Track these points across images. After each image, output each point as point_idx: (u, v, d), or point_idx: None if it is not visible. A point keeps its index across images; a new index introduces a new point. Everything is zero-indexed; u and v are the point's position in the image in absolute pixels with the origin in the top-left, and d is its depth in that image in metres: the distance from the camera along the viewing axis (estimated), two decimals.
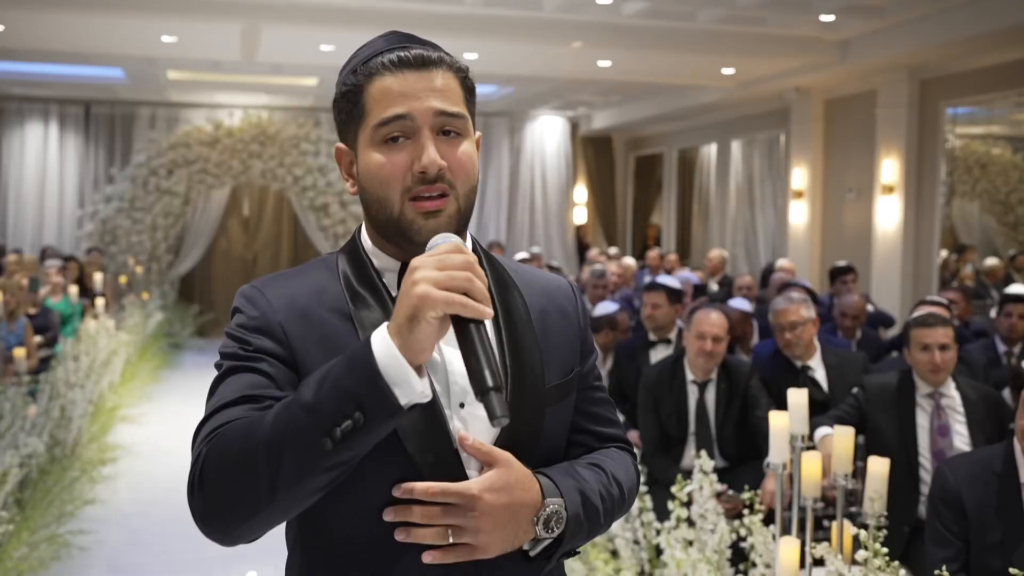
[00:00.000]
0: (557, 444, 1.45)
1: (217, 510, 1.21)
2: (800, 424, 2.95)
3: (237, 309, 1.37)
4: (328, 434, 1.13)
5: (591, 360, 1.53)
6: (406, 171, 1.30)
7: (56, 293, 8.36)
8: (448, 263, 1.16)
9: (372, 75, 1.32)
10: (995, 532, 2.62)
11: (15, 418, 4.63)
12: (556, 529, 1.33)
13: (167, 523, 5.40)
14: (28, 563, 4.12)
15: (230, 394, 1.28)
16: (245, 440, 1.19)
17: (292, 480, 1.15)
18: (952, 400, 3.67)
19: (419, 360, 1.16)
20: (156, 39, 8.35)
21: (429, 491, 1.27)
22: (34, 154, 12.91)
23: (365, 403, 1.13)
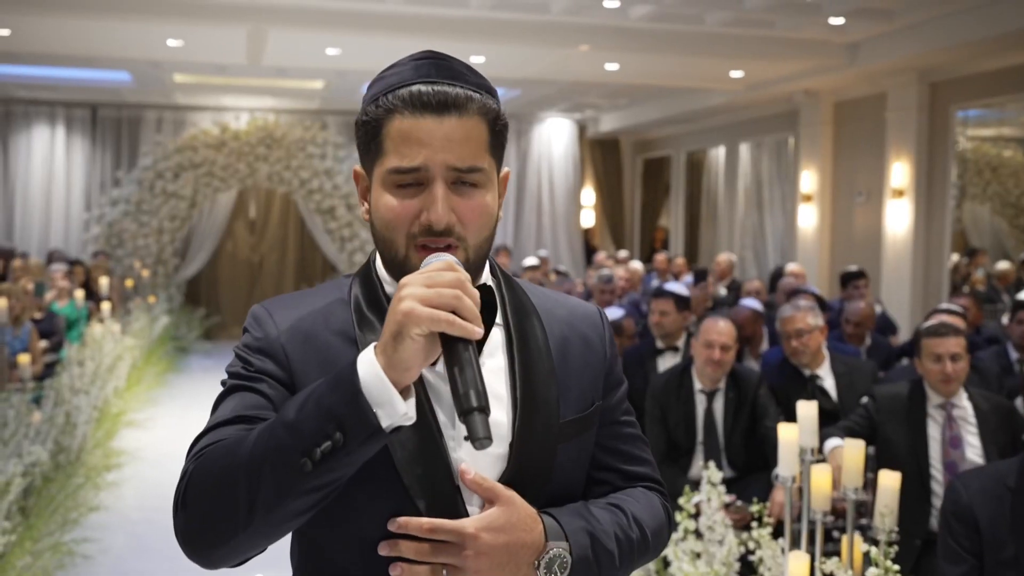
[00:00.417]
0: (572, 482, 1.38)
1: (197, 530, 1.19)
2: (810, 437, 2.90)
3: (246, 328, 1.36)
4: (307, 454, 1.10)
5: (618, 393, 1.46)
6: (414, 219, 1.27)
7: (62, 297, 8.35)
8: (437, 280, 1.13)
9: (392, 111, 1.28)
10: (1009, 548, 2.57)
11: (19, 425, 4.61)
12: (560, 573, 1.28)
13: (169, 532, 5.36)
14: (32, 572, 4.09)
15: (226, 413, 1.27)
16: (227, 458, 1.16)
17: (271, 501, 1.13)
18: (964, 411, 3.62)
19: (404, 380, 1.12)
20: (162, 43, 8.34)
21: (423, 527, 1.23)
22: (41, 157, 12.93)
23: (345, 423, 1.10)
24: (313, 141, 12.59)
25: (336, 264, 13.07)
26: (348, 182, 12.69)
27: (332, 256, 13.03)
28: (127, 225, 12.23)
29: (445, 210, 1.25)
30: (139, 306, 10.27)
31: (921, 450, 3.56)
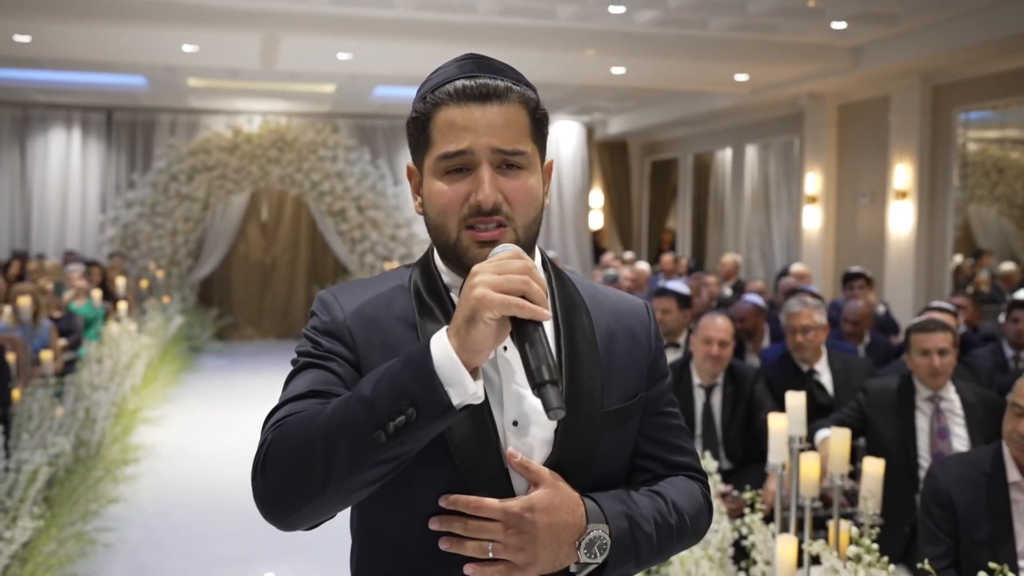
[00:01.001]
0: (615, 469, 1.44)
1: (275, 495, 1.27)
2: (798, 426, 3.04)
3: (313, 312, 1.43)
4: (382, 427, 1.18)
5: (662, 385, 1.51)
6: (463, 202, 1.34)
7: (79, 297, 8.54)
8: (506, 268, 1.20)
9: (439, 104, 1.35)
10: (983, 530, 2.71)
11: (43, 419, 4.78)
12: (599, 554, 1.34)
13: (186, 523, 5.54)
14: (57, 558, 4.26)
15: (300, 388, 1.34)
16: (305, 430, 1.24)
17: (344, 471, 1.20)
18: (952, 403, 3.75)
19: (475, 362, 1.20)
20: (178, 48, 8.52)
21: (471, 505, 1.30)
22: (57, 160, 13.11)
23: (419, 400, 1.18)
24: (324, 144, 12.76)
25: (347, 265, 13.22)
26: (359, 184, 12.86)
27: (343, 257, 13.19)
28: (142, 227, 12.43)
29: (492, 190, 1.32)
30: (154, 306, 10.45)
31: (910, 441, 3.70)
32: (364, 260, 13.00)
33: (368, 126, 13.94)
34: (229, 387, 9.98)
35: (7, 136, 12.95)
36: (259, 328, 14.05)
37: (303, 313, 14.08)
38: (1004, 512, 2.71)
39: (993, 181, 9.60)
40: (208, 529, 5.46)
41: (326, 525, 1.33)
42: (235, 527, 5.48)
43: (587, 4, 7.39)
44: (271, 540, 5.23)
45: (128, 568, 4.80)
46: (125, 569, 4.79)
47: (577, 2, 7.40)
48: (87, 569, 4.64)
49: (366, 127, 13.93)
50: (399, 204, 13.20)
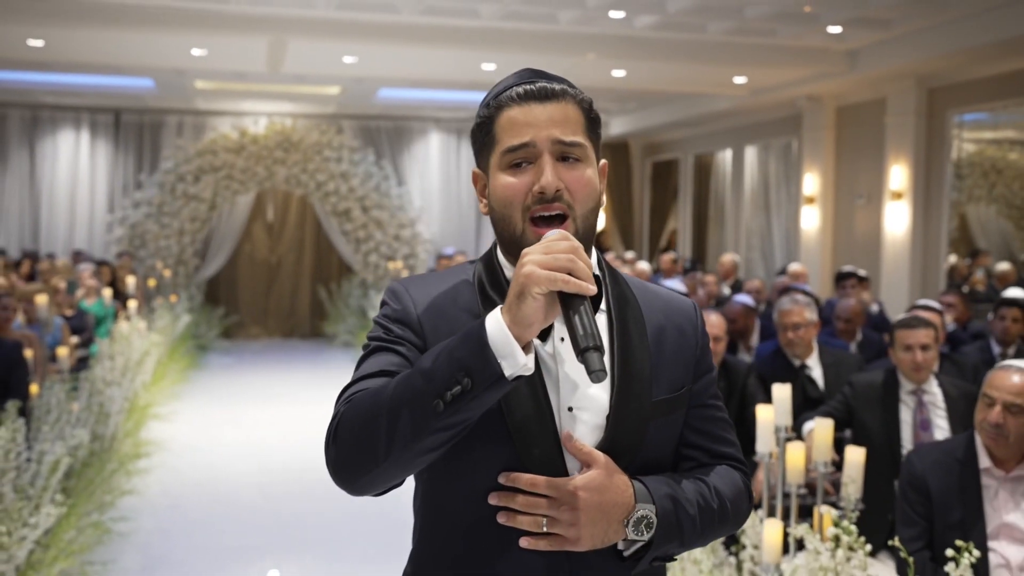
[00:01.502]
0: (662, 456, 1.52)
1: (345, 461, 1.36)
2: (784, 416, 3.21)
3: (385, 302, 1.54)
4: (440, 396, 1.28)
5: (707, 379, 1.59)
6: (527, 191, 1.43)
7: (90, 296, 8.71)
8: (553, 248, 1.29)
9: (501, 107, 1.47)
10: (956, 513, 2.88)
11: (61, 412, 4.96)
12: (646, 532, 1.43)
13: (195, 515, 5.72)
14: (76, 545, 4.44)
15: (370, 368, 1.45)
16: (373, 401, 1.35)
17: (407, 437, 1.30)
18: (934, 397, 3.91)
19: (526, 336, 1.29)
20: (186, 52, 8.69)
21: (528, 482, 1.40)
22: (66, 161, 13.28)
23: (473, 371, 1.27)
24: (329, 145, 12.93)
25: (351, 264, 13.39)
26: (363, 184, 13.03)
27: (348, 257, 13.36)
28: (149, 227, 12.61)
29: (554, 176, 1.42)
30: (162, 305, 10.62)
31: (894, 433, 3.86)
32: (368, 260, 13.17)
33: (372, 127, 14.11)
34: (235, 385, 10.15)
35: (17, 137, 13.13)
36: (264, 327, 14.22)
37: (308, 312, 14.25)
38: (975, 497, 2.87)
39: (991, 182, 9.73)
40: (215, 521, 5.63)
41: (326, 520, 1.45)
42: (241, 519, 5.66)
43: (588, 9, 7.55)
44: (275, 532, 5.42)
45: (141, 557, 4.97)
46: (138, 558, 4.96)
47: (578, 7, 7.57)
48: (103, 556, 4.82)
49: (370, 128, 14.10)
50: (403, 204, 13.37)
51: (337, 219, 13.07)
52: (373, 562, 4.97)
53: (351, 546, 5.21)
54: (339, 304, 13.29)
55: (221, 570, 4.84)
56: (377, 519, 5.61)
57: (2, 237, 13.02)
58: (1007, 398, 2.84)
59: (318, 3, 7.49)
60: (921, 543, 2.92)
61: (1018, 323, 5.53)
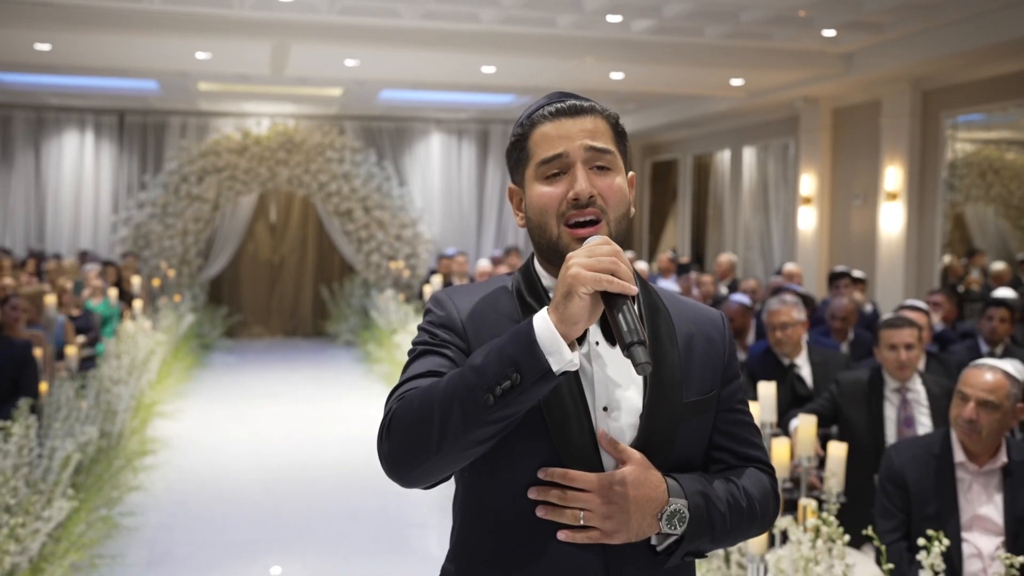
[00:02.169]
0: (692, 455, 1.59)
1: (398, 454, 1.44)
2: (769, 413, 3.33)
3: (429, 310, 1.62)
4: (490, 391, 1.36)
5: (734, 385, 1.66)
6: (562, 199, 1.52)
7: (96, 296, 8.84)
8: (596, 251, 1.39)
9: (534, 124, 1.57)
10: (932, 505, 3.00)
11: (71, 410, 5.09)
12: (679, 527, 1.49)
13: (200, 511, 5.85)
14: (87, 538, 4.58)
15: (420, 369, 1.53)
16: (424, 397, 1.42)
17: (459, 430, 1.38)
18: (918, 394, 4.04)
19: (572, 334, 1.37)
20: (191, 56, 8.81)
21: (567, 476, 1.47)
22: (71, 162, 13.41)
23: (522, 366, 1.35)
24: (331, 146, 13.06)
25: (353, 264, 13.52)
26: (365, 185, 13.16)
27: (349, 257, 13.49)
28: (153, 227, 12.74)
29: (587, 183, 1.51)
30: (166, 304, 10.76)
31: (878, 429, 3.98)
32: (370, 259, 13.30)
33: (374, 128, 14.23)
34: (238, 383, 10.28)
35: (22, 138, 13.27)
36: (267, 326, 14.35)
37: (310, 311, 14.39)
38: (950, 489, 3.00)
39: (988, 182, 9.83)
40: (219, 516, 5.76)
41: (328, 516, 1.53)
42: (244, 514, 5.79)
43: (585, 13, 7.66)
44: (278, 528, 5.55)
45: (147, 551, 5.10)
46: (144, 552, 5.08)
47: (576, 11, 7.68)
48: (112, 550, 4.95)
49: (372, 129, 14.22)
50: (404, 205, 13.50)
51: (339, 219, 13.20)
52: (374, 557, 5.09)
53: (353, 542, 5.33)
54: (341, 304, 13.42)
55: (225, 565, 4.96)
56: (378, 516, 5.74)
57: (8, 237, 13.16)
58: (980, 395, 2.97)
59: (320, 7, 7.61)
60: (899, 534, 3.05)
61: (1005, 323, 5.65)
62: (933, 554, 2.50)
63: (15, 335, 5.69)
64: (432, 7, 7.56)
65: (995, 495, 3.00)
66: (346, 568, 4.95)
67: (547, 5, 7.55)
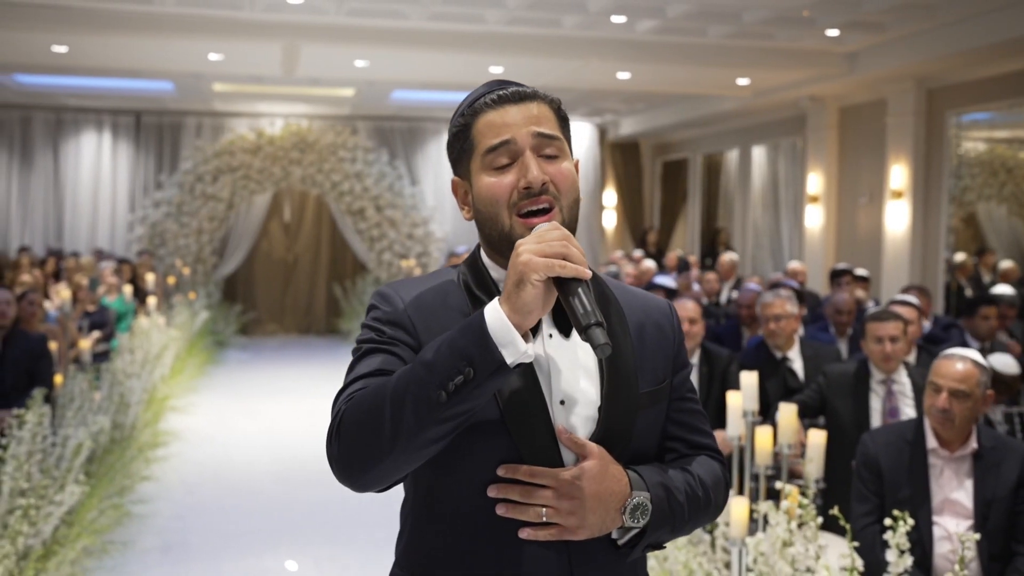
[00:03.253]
0: (648, 446, 1.57)
1: (349, 456, 1.39)
2: (751, 401, 3.44)
3: (374, 306, 1.55)
4: (443, 387, 1.31)
5: (683, 373, 1.65)
6: (512, 189, 1.48)
7: (111, 292, 9.03)
8: (546, 237, 1.35)
9: (477, 113, 1.52)
10: (904, 490, 3.11)
11: (84, 400, 5.25)
12: (641, 519, 1.47)
13: (209, 502, 6.00)
14: (98, 524, 4.74)
15: (367, 368, 1.47)
16: (375, 396, 1.37)
17: (412, 429, 1.33)
18: (903, 386, 4.14)
19: (526, 324, 1.33)
20: (204, 57, 8.99)
21: (528, 472, 1.44)
22: (88, 162, 13.64)
23: (475, 360, 1.30)
24: (344, 145, 13.23)
25: (366, 262, 13.68)
26: (377, 184, 13.31)
27: (362, 255, 13.65)
28: (169, 225, 12.95)
29: (539, 171, 1.47)
30: (181, 302, 10.94)
31: (864, 419, 4.08)
32: (382, 258, 13.46)
33: (386, 128, 14.39)
34: (251, 379, 10.44)
35: (41, 139, 13.50)
36: (281, 324, 14.53)
37: (324, 309, 14.56)
38: (922, 475, 3.10)
39: (1001, 181, 9.87)
40: (228, 507, 5.91)
41: (336, 508, 1.59)
42: (252, 506, 5.94)
43: (590, 14, 7.78)
44: (284, 519, 5.69)
45: (158, 538, 5.25)
46: (155, 539, 5.24)
47: (581, 12, 7.80)
48: (123, 536, 5.11)
49: (384, 129, 14.38)
50: (416, 204, 13.65)
51: (352, 218, 13.36)
52: (382, 548, 5.21)
53: (360, 534, 5.45)
54: (354, 301, 13.58)
55: (234, 554, 5.10)
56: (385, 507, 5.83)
57: (28, 235, 13.40)
58: (952, 385, 3.07)
59: (328, 9, 7.76)
60: (872, 518, 3.15)
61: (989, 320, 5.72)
62: (899, 534, 2.61)
63: (31, 329, 5.86)
64: (438, 8, 7.70)
65: (965, 480, 3.11)
66: (352, 557, 5.07)
67: (552, 6, 7.67)
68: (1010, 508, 3.04)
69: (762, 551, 3.13)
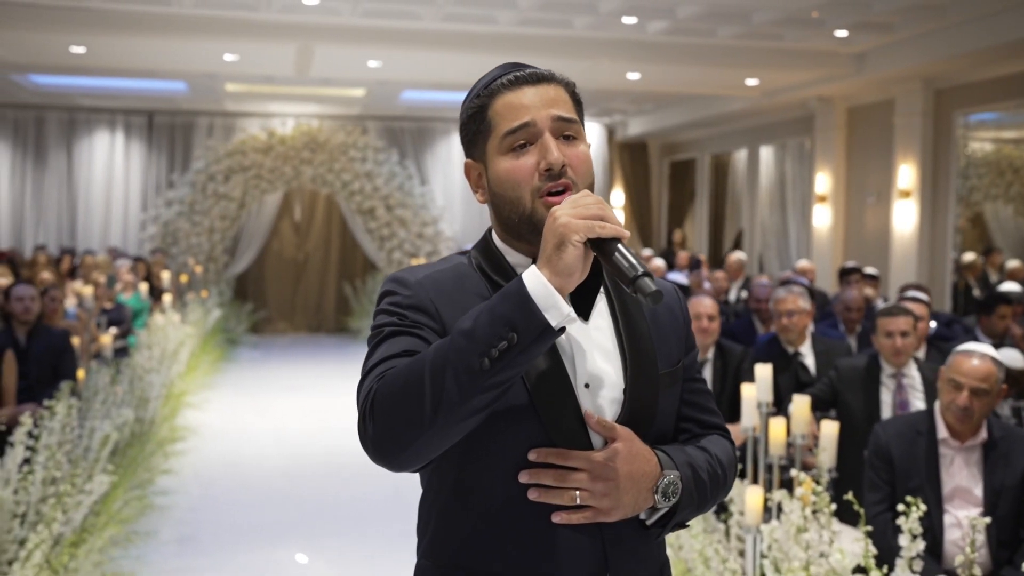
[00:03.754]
0: (667, 426, 1.58)
1: (387, 434, 1.34)
2: (765, 393, 3.53)
3: (391, 291, 1.51)
4: (486, 354, 1.28)
5: (693, 354, 1.66)
6: (534, 171, 1.46)
7: (128, 290, 9.14)
8: (581, 202, 1.35)
9: (494, 94, 1.50)
10: (916, 479, 3.20)
11: (108, 394, 5.36)
12: (672, 498, 1.47)
13: (225, 494, 6.11)
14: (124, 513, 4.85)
15: (393, 350, 1.42)
16: (410, 371, 1.33)
17: (454, 400, 1.30)
18: (912, 380, 4.22)
19: (568, 286, 1.32)
20: (219, 57, 9.10)
21: (560, 455, 1.43)
22: (101, 162, 13.77)
23: (518, 325, 1.29)
24: (354, 145, 13.34)
25: (376, 261, 13.78)
26: (387, 184, 13.41)
27: (372, 254, 13.76)
28: (181, 224, 13.06)
29: (559, 153, 1.46)
30: (194, 299, 11.06)
31: (874, 412, 4.16)
32: (392, 257, 13.56)
33: (396, 128, 14.49)
34: (262, 378, 10.54)
35: (55, 139, 13.64)
36: (291, 322, 14.64)
37: (334, 308, 14.66)
38: (933, 464, 3.19)
39: (1008, 181, 9.94)
40: (242, 499, 6.02)
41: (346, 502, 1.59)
42: (265, 498, 6.05)
43: (601, 15, 7.87)
44: (295, 510, 5.78)
45: (178, 528, 5.36)
46: (175, 529, 5.34)
47: (591, 13, 7.89)
48: (146, 526, 5.22)
49: (394, 129, 14.48)
50: (425, 203, 13.75)
51: (362, 217, 13.46)
52: (392, 542, 5.30)
53: (370, 529, 5.53)
54: (364, 300, 13.68)
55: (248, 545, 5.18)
56: (394, 501, 5.95)
57: (41, 234, 13.53)
58: (974, 384, 3.13)
59: (343, 10, 7.86)
60: (884, 506, 3.24)
61: (1005, 319, 5.80)
62: (912, 519, 2.70)
63: (54, 325, 5.97)
64: (451, 9, 7.79)
65: (975, 469, 3.19)
66: (361, 549, 5.15)
67: (563, 7, 7.76)
68: (1019, 496, 3.13)
69: (776, 538, 3.22)
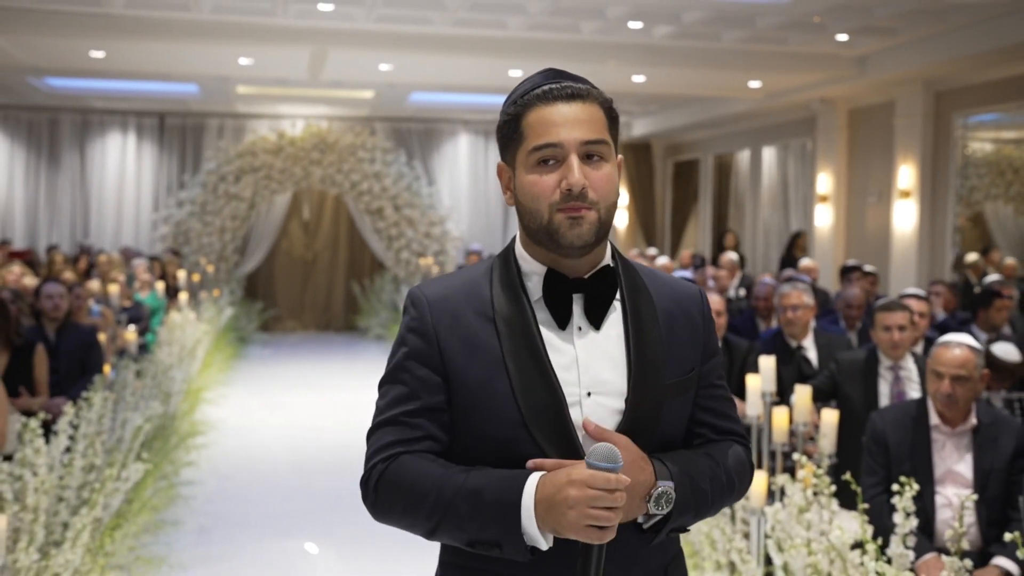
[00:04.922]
0: (674, 433, 1.61)
1: (387, 519, 1.60)
2: (769, 383, 3.73)
3: (406, 308, 1.62)
4: (472, 541, 1.49)
5: (713, 361, 1.68)
6: (555, 189, 1.51)
7: (144, 288, 9.35)
8: (599, 501, 1.40)
9: (528, 106, 1.54)
10: (909, 463, 3.40)
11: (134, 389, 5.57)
12: (665, 507, 1.51)
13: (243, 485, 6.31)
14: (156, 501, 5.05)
15: (388, 408, 1.59)
16: (412, 493, 1.52)
17: (443, 537, 1.53)
18: (909, 372, 4.42)
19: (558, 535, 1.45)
20: (234, 61, 9.30)
21: (557, 467, 1.49)
22: (114, 162, 13.99)
23: (504, 545, 1.46)
24: (363, 146, 13.53)
25: (383, 261, 13.98)
26: (395, 184, 13.62)
27: (380, 254, 13.95)
28: (192, 224, 13.26)
29: (580, 176, 1.50)
30: (207, 298, 11.26)
31: (873, 403, 4.36)
32: (400, 256, 13.76)
33: (404, 129, 14.69)
34: (273, 375, 10.72)
35: (68, 140, 13.86)
36: (300, 321, 14.83)
37: (342, 307, 14.85)
38: (926, 448, 3.39)
39: (1008, 181, 10.12)
40: (259, 490, 6.23)
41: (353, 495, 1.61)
42: (281, 489, 6.26)
43: (608, 20, 8.07)
44: (309, 500, 5.98)
45: (201, 517, 5.56)
46: (200, 518, 5.54)
47: (599, 18, 8.09)
48: (174, 515, 5.42)
49: (402, 130, 14.68)
50: (433, 203, 13.95)
51: (370, 217, 13.66)
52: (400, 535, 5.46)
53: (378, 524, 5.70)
54: (372, 299, 13.88)
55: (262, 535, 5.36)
56: None
57: (55, 234, 13.76)
58: (953, 371, 3.35)
59: (358, 16, 8.06)
60: (881, 488, 3.44)
61: (1002, 312, 6.00)
62: (905, 498, 2.89)
63: (80, 321, 6.17)
64: (463, 15, 7.99)
65: (965, 453, 3.40)
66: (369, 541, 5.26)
67: (572, 12, 7.95)
68: (1006, 478, 3.33)
69: (779, 519, 3.42)
